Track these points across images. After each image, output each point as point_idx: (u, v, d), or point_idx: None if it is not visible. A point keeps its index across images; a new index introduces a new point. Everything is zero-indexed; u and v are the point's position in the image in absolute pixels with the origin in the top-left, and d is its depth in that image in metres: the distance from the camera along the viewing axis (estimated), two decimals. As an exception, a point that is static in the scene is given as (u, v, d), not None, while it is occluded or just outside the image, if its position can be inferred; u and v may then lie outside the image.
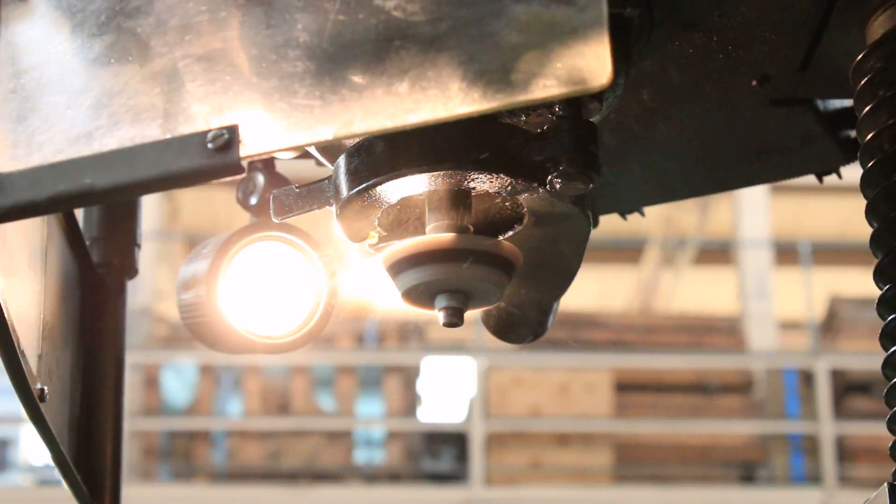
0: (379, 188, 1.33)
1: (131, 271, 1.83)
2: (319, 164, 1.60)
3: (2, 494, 9.84)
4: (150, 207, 11.08)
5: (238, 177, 1.65)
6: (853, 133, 1.72)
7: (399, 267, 1.35)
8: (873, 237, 1.42)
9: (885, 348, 1.43)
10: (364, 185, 1.33)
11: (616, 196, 1.87)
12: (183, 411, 9.83)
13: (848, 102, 1.71)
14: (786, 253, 12.95)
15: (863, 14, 1.44)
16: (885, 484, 1.27)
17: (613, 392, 9.73)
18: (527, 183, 1.31)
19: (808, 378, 9.94)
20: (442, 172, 1.31)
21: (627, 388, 9.99)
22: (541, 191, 1.32)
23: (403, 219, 1.41)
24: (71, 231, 1.69)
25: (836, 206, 14.12)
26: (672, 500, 9.42)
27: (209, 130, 1.12)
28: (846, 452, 9.62)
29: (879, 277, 1.43)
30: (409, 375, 9.92)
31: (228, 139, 1.11)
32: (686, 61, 1.55)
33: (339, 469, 9.60)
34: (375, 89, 1.10)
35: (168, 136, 1.13)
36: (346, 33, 1.12)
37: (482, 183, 1.32)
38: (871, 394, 9.75)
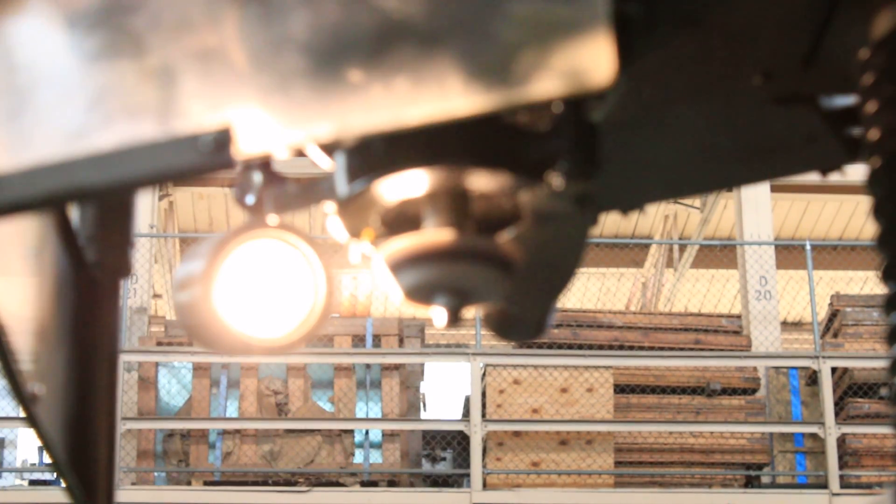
0: (378, 186, 1.31)
1: (125, 270, 1.81)
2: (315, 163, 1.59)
3: None
4: (146, 206, 11.08)
5: (235, 175, 1.64)
6: (857, 131, 1.70)
7: (399, 265, 1.34)
8: (880, 237, 1.40)
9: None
10: (362, 183, 1.31)
11: (617, 194, 1.85)
12: (178, 412, 9.81)
13: (853, 100, 1.69)
14: (789, 253, 12.95)
15: (867, 10, 1.42)
16: (890, 490, 1.25)
17: (614, 393, 9.71)
18: (527, 181, 1.30)
19: (812, 378, 9.93)
20: (441, 171, 1.29)
21: (628, 388, 9.97)
22: (541, 189, 1.31)
23: (403, 217, 1.39)
24: (65, 230, 1.68)
25: (841, 206, 14.11)
26: (674, 503, 9.40)
27: (204, 130, 1.11)
28: (850, 454, 9.60)
29: (887, 278, 1.41)
30: (407, 376, 9.90)
31: (223, 139, 1.10)
32: (688, 58, 1.53)
33: (336, 471, 9.58)
34: (373, 87, 1.08)
35: (162, 134, 1.12)
36: (343, 30, 1.11)
37: (482, 181, 1.31)
38: (875, 395, 9.74)
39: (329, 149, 1.40)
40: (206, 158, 1.10)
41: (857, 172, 1.53)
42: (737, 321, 10.60)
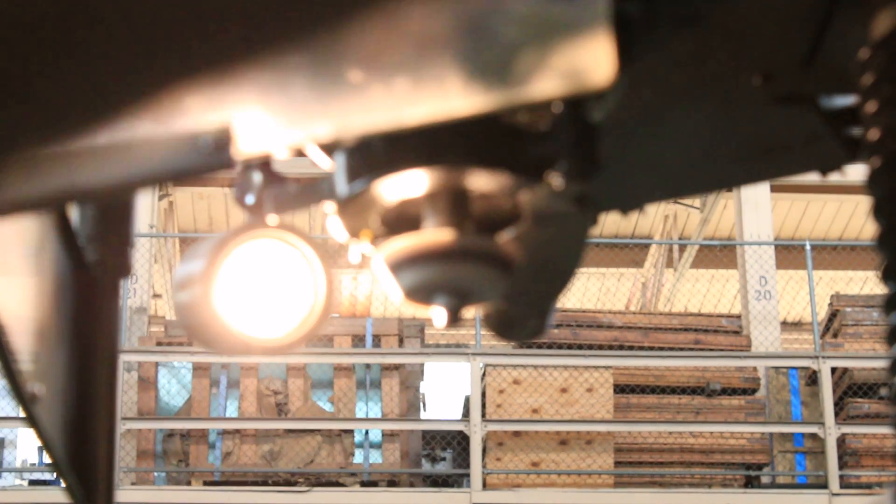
0: (378, 186, 1.31)
1: (125, 270, 1.81)
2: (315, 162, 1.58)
3: None
4: (146, 206, 11.08)
5: (235, 175, 1.64)
6: (857, 131, 1.70)
7: (398, 265, 1.34)
8: (880, 237, 1.40)
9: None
10: (362, 183, 1.31)
11: (617, 193, 1.85)
12: (178, 412, 9.81)
13: (853, 100, 1.69)
14: (789, 253, 12.95)
15: (867, 10, 1.42)
16: (890, 490, 1.25)
17: (614, 393, 9.72)
18: (526, 181, 1.30)
19: (811, 378, 9.93)
20: (441, 171, 1.29)
21: (628, 388, 9.97)
22: (540, 189, 1.31)
23: (403, 217, 1.39)
24: (65, 230, 1.67)
25: (841, 206, 14.11)
26: (674, 503, 9.40)
27: (203, 129, 1.10)
28: (850, 454, 9.60)
29: (887, 278, 1.41)
30: (407, 376, 9.90)
31: (223, 139, 1.09)
32: (688, 58, 1.53)
33: (336, 471, 9.58)
34: (373, 87, 1.08)
35: (161, 133, 1.12)
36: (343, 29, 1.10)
37: (481, 181, 1.31)
38: (875, 395, 9.74)
39: (329, 149, 1.40)
40: (205, 158, 1.10)
41: (857, 172, 1.53)
42: (737, 321, 10.60)
